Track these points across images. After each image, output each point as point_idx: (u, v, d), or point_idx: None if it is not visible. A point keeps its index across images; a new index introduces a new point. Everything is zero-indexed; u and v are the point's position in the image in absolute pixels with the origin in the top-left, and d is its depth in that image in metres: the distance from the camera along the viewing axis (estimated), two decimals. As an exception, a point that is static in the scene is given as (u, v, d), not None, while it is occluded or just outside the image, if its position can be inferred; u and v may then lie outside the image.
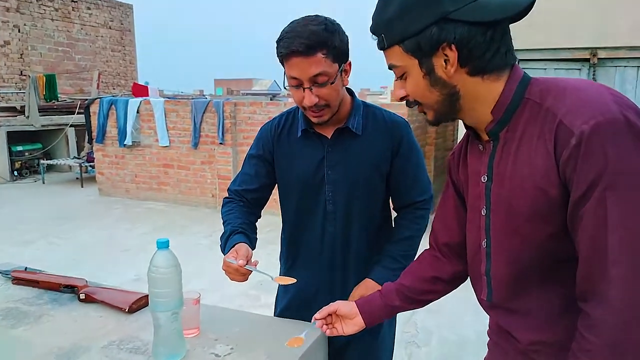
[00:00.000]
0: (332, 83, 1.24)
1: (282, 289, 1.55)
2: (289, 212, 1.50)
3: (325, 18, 1.25)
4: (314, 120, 1.31)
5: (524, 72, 0.86)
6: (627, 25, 3.92)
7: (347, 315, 1.14)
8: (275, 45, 1.26)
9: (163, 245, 1.21)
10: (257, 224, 1.52)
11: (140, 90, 9.14)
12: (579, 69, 4.44)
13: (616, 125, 0.70)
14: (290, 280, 1.24)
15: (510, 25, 0.84)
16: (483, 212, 0.92)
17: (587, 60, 4.22)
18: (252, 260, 1.23)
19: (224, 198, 1.52)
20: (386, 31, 0.85)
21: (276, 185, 1.52)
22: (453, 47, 0.80)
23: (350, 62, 1.31)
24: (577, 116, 0.73)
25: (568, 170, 0.74)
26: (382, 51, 0.89)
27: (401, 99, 0.91)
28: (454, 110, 0.88)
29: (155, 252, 1.22)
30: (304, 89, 1.24)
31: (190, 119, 6.72)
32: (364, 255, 1.45)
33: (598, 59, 4.17)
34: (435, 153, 6.79)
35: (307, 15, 1.27)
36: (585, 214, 0.73)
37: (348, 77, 1.34)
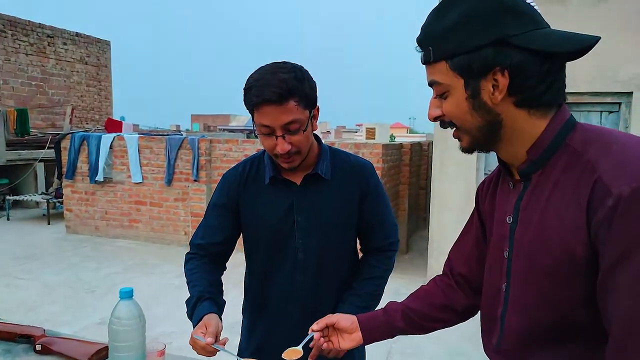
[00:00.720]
0: (304, 130, 1.23)
1: (245, 341, 1.48)
2: (256, 261, 1.44)
3: (294, 65, 1.24)
4: (285, 165, 1.29)
5: (571, 115, 0.81)
6: (590, 72, 4.13)
7: (346, 329, 1.08)
8: (244, 93, 1.23)
9: (126, 295, 1.16)
10: (231, 261, 1.47)
11: (114, 126, 9.04)
12: (546, 113, 4.60)
13: None
14: None
15: None
16: (505, 255, 0.87)
17: (553, 104, 4.39)
18: (221, 338, 1.18)
19: (187, 254, 1.46)
20: (436, 44, 0.79)
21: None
22: (506, 72, 0.75)
23: (318, 107, 1.31)
24: (619, 176, 0.67)
25: (601, 232, 0.68)
26: (424, 65, 0.83)
27: (435, 119, 0.86)
28: (493, 141, 0.82)
29: (118, 302, 1.17)
30: (276, 137, 1.22)
31: (164, 155, 6.64)
32: (337, 305, 1.40)
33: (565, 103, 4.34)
34: (409, 191, 6.86)
35: (274, 62, 1.25)
36: (620, 285, 0.67)
37: (316, 121, 1.34)
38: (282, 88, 1.16)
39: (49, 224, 8.04)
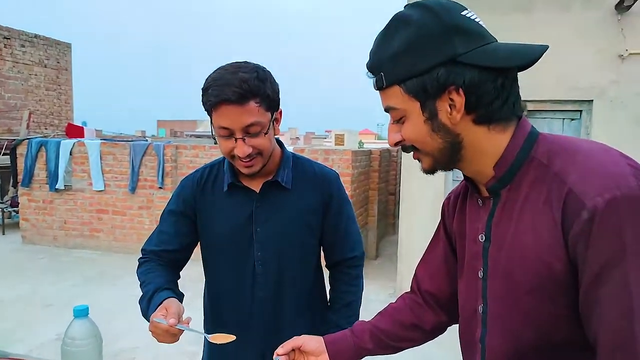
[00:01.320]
0: (265, 133, 1.18)
1: (207, 358, 1.40)
2: (213, 274, 1.37)
3: (255, 65, 1.19)
4: (244, 171, 1.22)
5: (532, 127, 0.80)
6: (551, 80, 4.24)
7: (312, 352, 1.02)
8: (202, 93, 1.17)
9: (81, 313, 1.07)
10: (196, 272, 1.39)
11: (75, 131, 8.73)
12: (511, 119, 4.71)
13: (635, 201, 0.63)
14: (230, 338, 1.10)
15: None
16: (480, 275, 0.84)
17: (518, 111, 4.49)
18: (184, 318, 1.09)
19: (139, 258, 1.36)
20: (386, 69, 0.77)
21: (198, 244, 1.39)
22: (461, 91, 0.73)
23: (281, 111, 1.26)
24: (590, 186, 0.66)
25: (579, 247, 0.67)
26: (378, 91, 0.81)
27: (396, 144, 0.83)
28: (454, 160, 0.81)
29: (72, 321, 1.08)
30: (235, 139, 1.16)
31: (128, 162, 6.44)
32: (300, 320, 1.35)
33: (527, 110, 4.46)
34: (378, 197, 6.89)
35: (235, 61, 1.20)
36: (602, 299, 0.65)
37: (279, 125, 1.29)
38: (242, 88, 1.11)
39: (3, 234, 7.65)
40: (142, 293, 1.24)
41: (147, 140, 8.58)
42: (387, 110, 0.82)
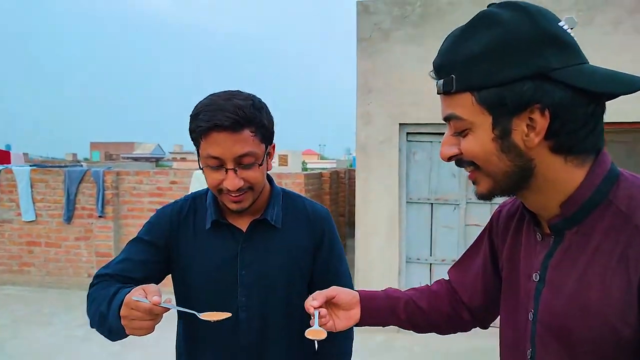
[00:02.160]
0: (259, 165, 1.10)
1: None
2: (190, 320, 1.22)
3: (250, 93, 1.13)
4: (232, 206, 1.12)
5: (612, 163, 0.70)
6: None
7: (344, 305, 0.96)
8: (190, 120, 1.09)
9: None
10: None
11: (0, 156, 8.06)
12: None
13: None
14: (224, 315, 0.99)
15: (398, 102, 0.73)
16: (530, 317, 0.75)
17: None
18: (163, 299, 0.94)
19: (90, 283, 1.17)
20: (460, 71, 0.67)
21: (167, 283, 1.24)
22: (547, 112, 0.63)
23: (274, 145, 1.19)
24: None
25: None
26: (441, 95, 0.71)
27: (450, 159, 0.73)
28: (518, 187, 0.71)
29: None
30: (226, 170, 1.07)
31: (63, 189, 6.00)
32: None
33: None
34: (330, 220, 6.86)
35: (228, 90, 1.13)
36: None
37: (272, 160, 1.21)
38: (237, 114, 1.03)
39: None
40: (96, 306, 1.05)
41: (82, 166, 8.09)
42: (447, 118, 0.71)
